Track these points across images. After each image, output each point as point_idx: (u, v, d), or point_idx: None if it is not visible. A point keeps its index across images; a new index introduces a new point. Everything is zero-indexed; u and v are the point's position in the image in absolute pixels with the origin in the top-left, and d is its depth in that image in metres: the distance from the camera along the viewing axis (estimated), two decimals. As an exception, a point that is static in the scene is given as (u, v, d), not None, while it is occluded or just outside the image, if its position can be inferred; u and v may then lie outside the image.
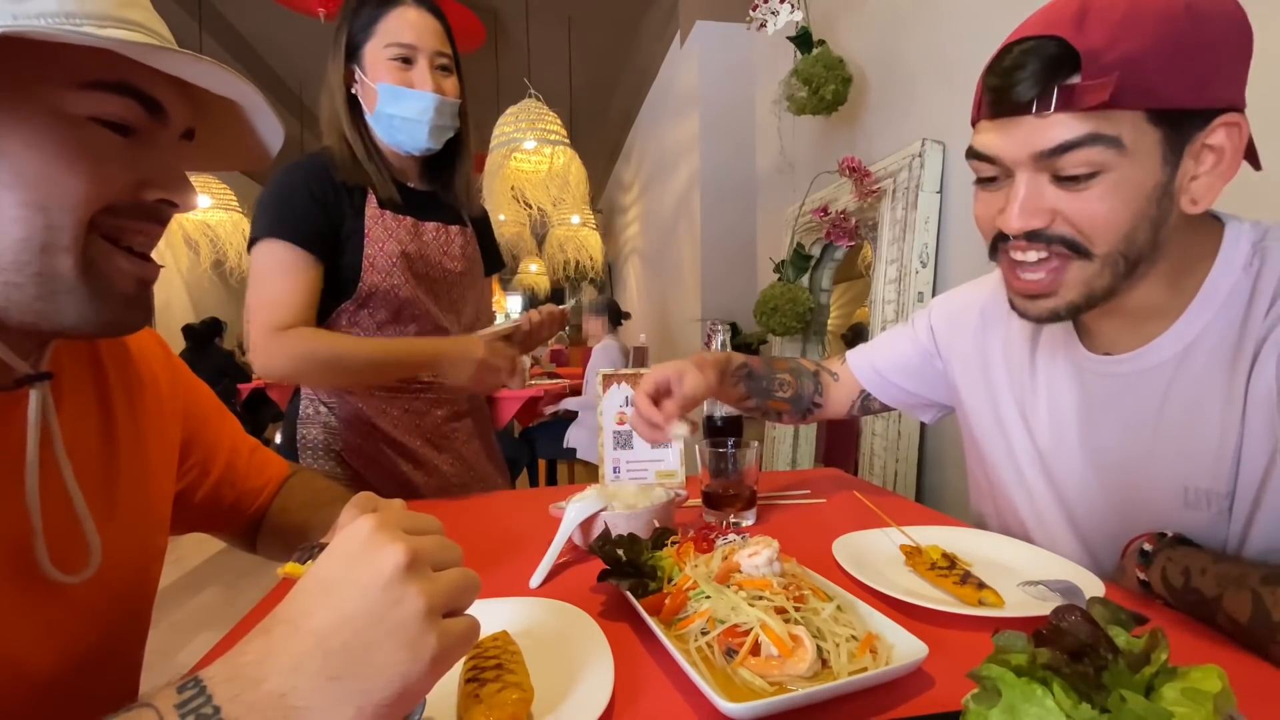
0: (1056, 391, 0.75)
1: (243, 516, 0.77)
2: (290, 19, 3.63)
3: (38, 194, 0.41)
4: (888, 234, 1.81)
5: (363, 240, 1.07)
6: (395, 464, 1.15)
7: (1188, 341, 0.63)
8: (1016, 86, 0.56)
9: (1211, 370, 0.62)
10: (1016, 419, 0.80)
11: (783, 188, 2.74)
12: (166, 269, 5.08)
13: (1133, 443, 0.68)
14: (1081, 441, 0.73)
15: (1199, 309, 0.62)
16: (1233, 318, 0.61)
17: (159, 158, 0.47)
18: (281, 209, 1.04)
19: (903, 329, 0.99)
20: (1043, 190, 0.58)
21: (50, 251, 0.42)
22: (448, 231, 1.18)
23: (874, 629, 0.53)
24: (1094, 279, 0.60)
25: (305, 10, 3.01)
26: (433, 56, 1.08)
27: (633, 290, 6.21)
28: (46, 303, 0.44)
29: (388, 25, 1.06)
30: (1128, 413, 0.68)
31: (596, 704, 0.46)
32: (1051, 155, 0.57)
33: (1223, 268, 0.61)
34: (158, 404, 0.64)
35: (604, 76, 5.35)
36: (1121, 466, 0.69)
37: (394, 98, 1.06)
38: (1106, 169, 0.56)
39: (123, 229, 0.46)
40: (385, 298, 1.08)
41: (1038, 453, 0.78)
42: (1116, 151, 0.55)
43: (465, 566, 0.39)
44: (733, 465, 0.89)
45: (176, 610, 2.74)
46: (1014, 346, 0.81)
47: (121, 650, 0.57)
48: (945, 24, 1.70)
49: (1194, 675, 0.32)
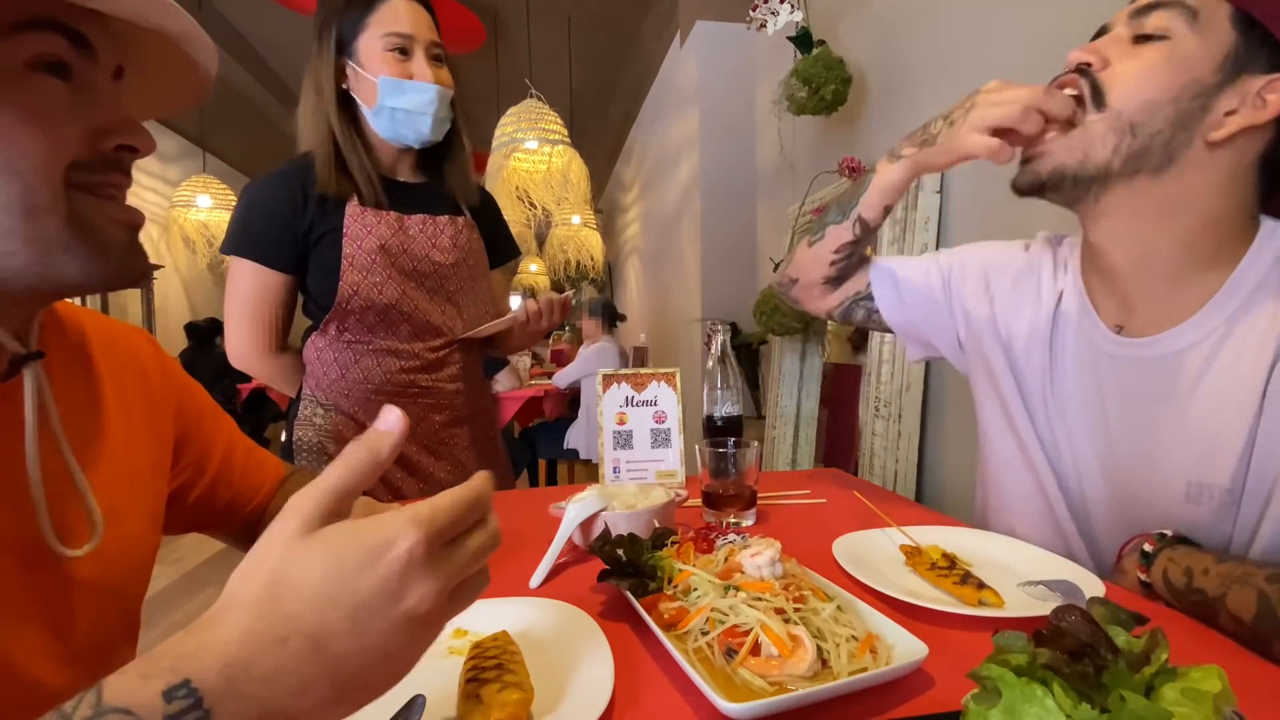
0: (1072, 369, 0.75)
1: (239, 516, 0.77)
2: (290, 19, 3.64)
3: (4, 158, 0.41)
4: (888, 234, 1.81)
5: (341, 240, 1.06)
6: (388, 470, 1.14)
7: (1211, 329, 0.63)
8: None
9: (1234, 361, 0.61)
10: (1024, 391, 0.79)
11: (783, 188, 2.74)
12: (165, 269, 5.06)
13: (1142, 429, 0.68)
14: (1090, 421, 0.73)
15: (1225, 297, 0.62)
16: (1259, 311, 0.61)
17: (102, 104, 0.47)
18: (242, 227, 1.08)
19: (931, 263, 0.94)
20: (1118, 43, 0.63)
21: (35, 214, 0.42)
22: (435, 223, 1.15)
23: (874, 629, 0.53)
24: (1092, 144, 0.62)
25: (305, 10, 3.01)
26: (428, 46, 1.07)
27: (633, 290, 6.21)
28: (46, 265, 0.44)
29: (382, 16, 1.05)
30: (1141, 398, 0.68)
31: (596, 704, 0.46)
32: (1141, 12, 0.61)
33: (1253, 258, 0.61)
34: (149, 400, 0.64)
35: (604, 76, 5.35)
36: (1127, 453, 0.69)
37: (396, 90, 1.04)
38: (1171, 36, 0.59)
39: (94, 185, 0.46)
40: (369, 298, 1.08)
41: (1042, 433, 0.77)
42: (1188, 23, 0.58)
43: None
44: (733, 465, 0.89)
45: (176, 610, 2.74)
46: (1039, 318, 0.79)
47: (118, 647, 0.57)
48: (945, 24, 1.70)
49: (1194, 675, 0.32)
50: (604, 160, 7.27)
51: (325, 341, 1.12)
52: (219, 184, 4.32)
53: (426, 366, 1.16)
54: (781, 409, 2.51)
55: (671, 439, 1.09)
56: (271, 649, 0.30)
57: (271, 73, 5.18)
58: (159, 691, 0.28)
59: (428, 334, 1.15)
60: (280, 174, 1.09)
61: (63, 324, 0.57)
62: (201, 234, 4.28)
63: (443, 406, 1.18)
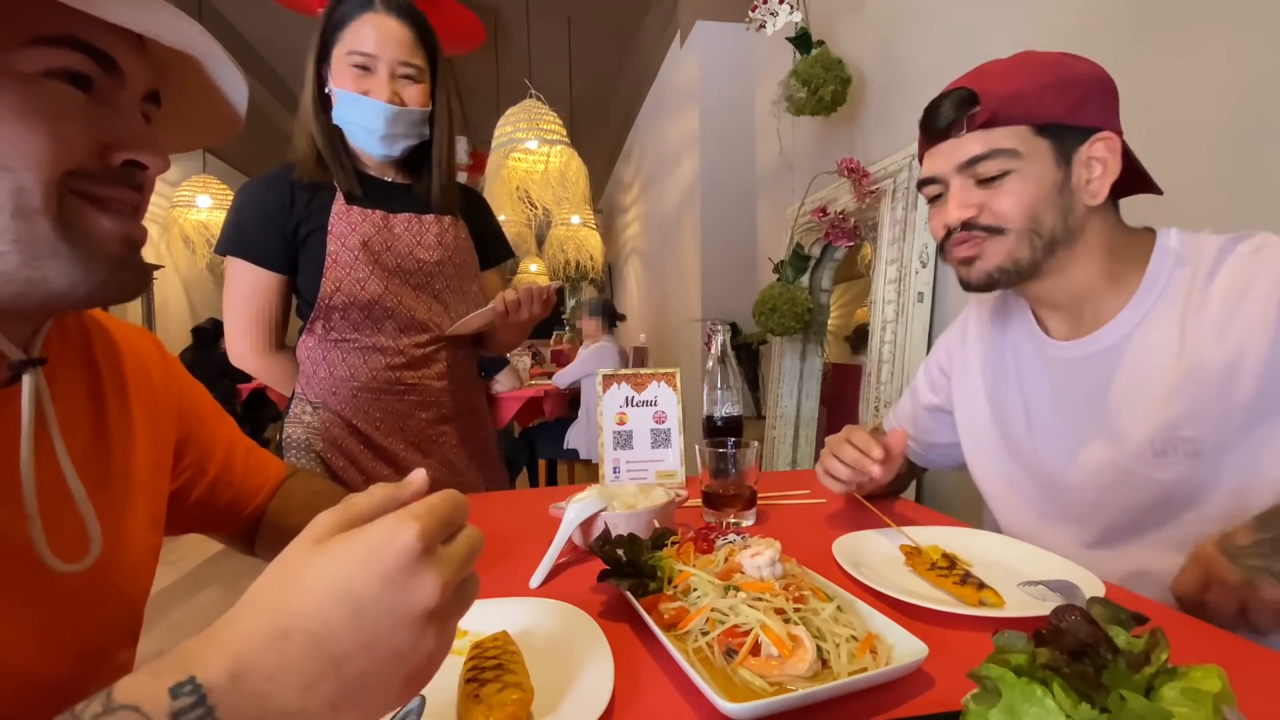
0: (1027, 376, 0.87)
1: (239, 517, 0.77)
2: (290, 19, 3.63)
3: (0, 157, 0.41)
4: (888, 234, 1.81)
5: (325, 237, 1.09)
6: (374, 466, 1.15)
7: (1131, 328, 0.76)
8: (937, 119, 0.78)
9: (1160, 347, 0.74)
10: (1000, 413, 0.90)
11: (783, 188, 2.74)
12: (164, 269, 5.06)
13: (1096, 409, 0.79)
14: (1054, 418, 0.83)
15: (1139, 301, 0.76)
16: (1171, 303, 0.74)
17: (122, 118, 0.47)
18: (234, 228, 1.12)
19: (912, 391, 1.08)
20: (970, 191, 0.77)
21: (24, 215, 0.42)
22: (421, 221, 1.16)
23: (874, 629, 0.53)
24: (1014, 249, 0.76)
25: (305, 10, 3.00)
26: (395, 66, 1.08)
27: (633, 290, 6.21)
28: (34, 269, 0.43)
29: (349, 33, 1.08)
30: (1088, 387, 0.80)
31: (596, 704, 0.46)
32: (969, 165, 0.76)
33: (1155, 268, 0.76)
34: (151, 401, 0.63)
35: (604, 77, 5.35)
36: (1090, 436, 0.79)
37: (349, 104, 1.08)
38: (1012, 170, 0.74)
39: (95, 195, 0.46)
40: (351, 294, 1.09)
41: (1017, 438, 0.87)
42: (1015, 157, 0.74)
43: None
44: (733, 465, 0.89)
45: (176, 610, 2.74)
46: (991, 347, 0.94)
47: (116, 649, 0.56)
48: (945, 24, 1.70)
49: (1194, 675, 0.32)
50: (604, 160, 7.26)
51: (314, 340, 1.14)
52: (219, 184, 4.31)
53: (412, 363, 1.16)
54: (781, 409, 2.51)
55: (671, 439, 1.09)
56: (273, 644, 0.30)
57: (271, 73, 5.18)
58: (165, 688, 0.29)
59: (413, 329, 1.16)
60: (270, 176, 1.12)
61: (66, 324, 0.57)
62: (201, 234, 4.28)
63: (429, 404, 1.19)
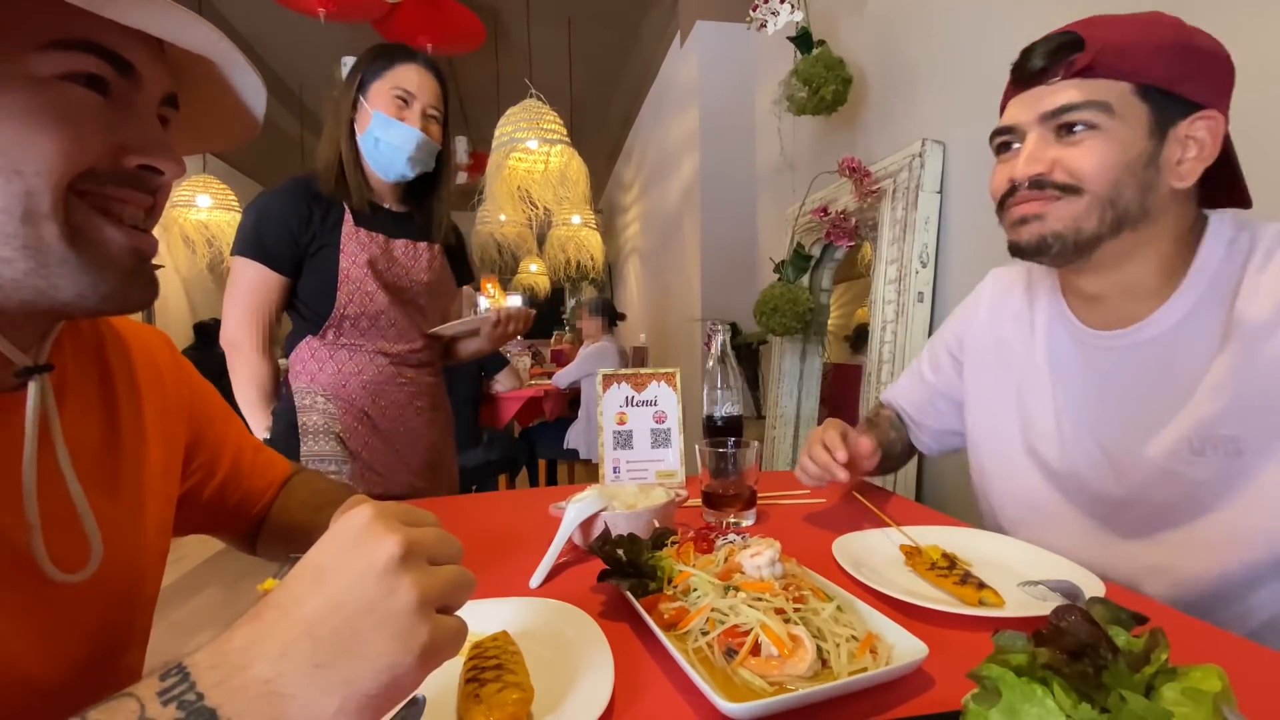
0: (1059, 365, 0.81)
1: (246, 517, 0.77)
2: (290, 19, 3.63)
3: (10, 159, 0.40)
4: (888, 234, 1.81)
5: (338, 255, 1.27)
6: (383, 445, 1.34)
7: (1179, 318, 0.71)
8: (1031, 60, 0.70)
9: (1205, 338, 0.69)
10: (1024, 400, 0.84)
11: (783, 188, 2.74)
12: (165, 269, 5.05)
13: (1134, 407, 0.74)
14: (1085, 410, 0.78)
15: (1185, 291, 0.71)
16: (1218, 294, 0.69)
17: (137, 122, 0.46)
18: (254, 233, 1.28)
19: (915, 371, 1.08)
20: (1047, 145, 0.70)
21: (33, 220, 0.41)
22: (416, 247, 1.38)
23: (874, 629, 0.53)
24: (1081, 216, 0.69)
25: (305, 10, 2.99)
26: (426, 106, 1.30)
27: (633, 290, 6.21)
28: (41, 278, 0.43)
29: (397, 74, 1.29)
30: (1126, 379, 0.75)
31: (596, 704, 0.46)
32: (1054, 115, 0.69)
33: (1205, 256, 0.70)
34: (162, 403, 0.63)
35: (604, 77, 5.35)
36: (1124, 431, 0.74)
37: (385, 125, 1.27)
38: (1098, 127, 0.67)
39: (107, 198, 0.45)
40: (362, 306, 1.28)
41: (1043, 428, 0.82)
42: (1106, 114, 0.67)
43: (463, 565, 0.39)
44: (733, 465, 0.89)
45: (176, 610, 2.74)
46: (1021, 328, 0.87)
47: (121, 653, 0.56)
48: (945, 24, 1.70)
49: (1194, 675, 0.32)
50: (604, 160, 7.26)
51: (323, 345, 1.32)
52: (219, 184, 4.31)
53: (410, 363, 1.39)
54: (781, 409, 2.51)
55: (671, 439, 1.09)
56: (248, 623, 0.34)
57: (272, 73, 5.17)
58: (157, 675, 0.32)
59: (410, 336, 1.38)
60: (288, 190, 1.30)
61: (79, 326, 0.57)
62: (201, 234, 4.27)
63: (422, 395, 1.42)
